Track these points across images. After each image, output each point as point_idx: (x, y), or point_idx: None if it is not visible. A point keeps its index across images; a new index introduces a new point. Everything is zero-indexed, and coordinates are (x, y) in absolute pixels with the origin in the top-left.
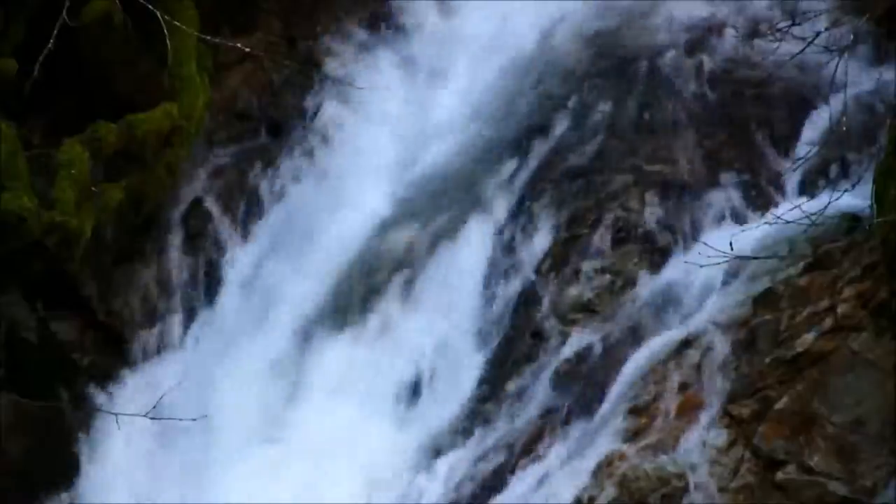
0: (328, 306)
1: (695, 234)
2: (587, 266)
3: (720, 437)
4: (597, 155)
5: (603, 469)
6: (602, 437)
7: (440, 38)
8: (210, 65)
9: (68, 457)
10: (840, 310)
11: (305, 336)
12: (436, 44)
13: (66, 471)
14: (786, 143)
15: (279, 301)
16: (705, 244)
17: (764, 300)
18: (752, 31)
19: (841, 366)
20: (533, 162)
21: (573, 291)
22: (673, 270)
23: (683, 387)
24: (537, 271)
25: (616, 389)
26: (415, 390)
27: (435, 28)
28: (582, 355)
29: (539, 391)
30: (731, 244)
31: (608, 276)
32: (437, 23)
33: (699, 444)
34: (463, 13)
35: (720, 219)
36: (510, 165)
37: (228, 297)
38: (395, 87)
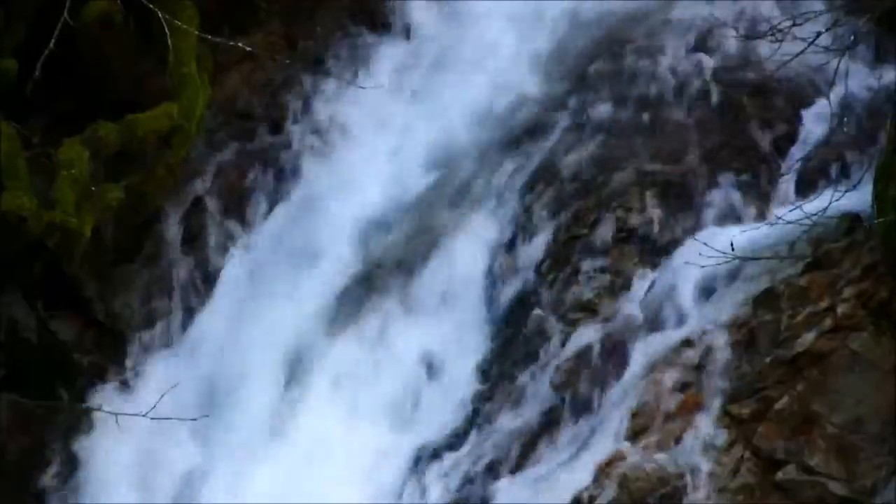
0: (328, 306)
1: (695, 234)
2: (587, 266)
3: (720, 437)
4: (597, 155)
5: (603, 469)
6: (602, 437)
7: (440, 38)
8: (210, 64)
9: (68, 457)
10: (840, 310)
11: (306, 336)
12: (436, 43)
13: (65, 471)
14: (786, 143)
15: (279, 301)
16: (705, 244)
17: (764, 300)
18: (752, 31)
19: (841, 366)
20: (533, 162)
21: (573, 291)
22: (673, 270)
23: (683, 387)
24: (537, 271)
25: (616, 389)
26: (415, 390)
27: (435, 27)
28: (582, 355)
29: (539, 391)
30: (731, 244)
31: (608, 276)
32: (438, 22)
33: (699, 444)
34: (463, 13)
35: (720, 219)
36: (510, 165)
37: (228, 297)
38: (395, 86)
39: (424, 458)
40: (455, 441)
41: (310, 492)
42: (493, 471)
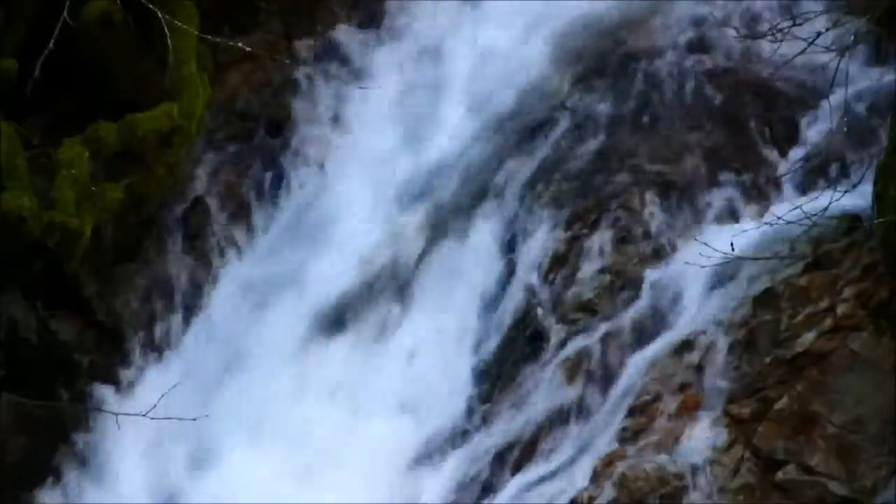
0: (328, 306)
1: (695, 234)
2: (587, 266)
3: (720, 437)
4: (597, 155)
5: (603, 469)
6: (602, 437)
7: (440, 38)
8: (210, 64)
9: (68, 457)
10: (840, 310)
11: (306, 336)
12: (436, 43)
13: (65, 471)
14: (786, 143)
15: (279, 301)
16: (705, 244)
17: (764, 300)
18: (752, 31)
19: (841, 366)
20: (533, 162)
21: (573, 291)
22: (673, 270)
23: (683, 387)
24: (537, 271)
25: (616, 389)
26: (415, 392)
27: (435, 27)
28: (582, 355)
29: (539, 391)
30: (731, 244)
31: (608, 276)
32: (438, 22)
33: (699, 444)
34: (462, 13)
35: (720, 219)
36: (510, 165)
37: (228, 296)
38: (394, 86)
39: (424, 458)
40: (455, 441)
41: (309, 492)
42: (493, 471)
